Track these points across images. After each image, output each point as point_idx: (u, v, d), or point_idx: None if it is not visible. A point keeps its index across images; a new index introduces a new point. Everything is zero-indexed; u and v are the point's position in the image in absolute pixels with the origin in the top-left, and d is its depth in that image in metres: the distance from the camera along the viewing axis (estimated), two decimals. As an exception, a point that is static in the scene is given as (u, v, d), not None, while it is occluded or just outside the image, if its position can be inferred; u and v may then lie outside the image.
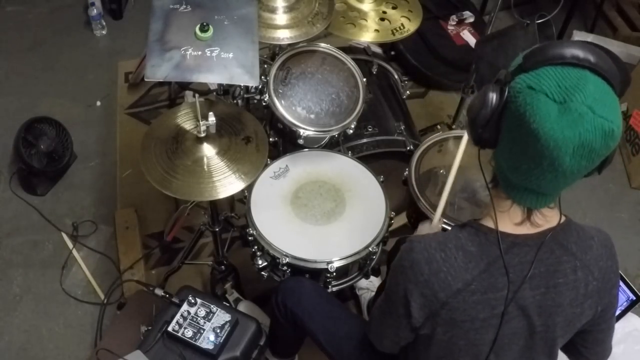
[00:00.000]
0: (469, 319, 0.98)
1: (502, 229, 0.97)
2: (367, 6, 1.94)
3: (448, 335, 1.01)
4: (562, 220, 0.99)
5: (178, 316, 1.49)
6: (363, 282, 1.91)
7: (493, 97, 0.88)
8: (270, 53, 2.04)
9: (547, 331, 1.03)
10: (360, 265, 1.61)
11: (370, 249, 1.54)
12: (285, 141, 1.87)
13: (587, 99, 0.81)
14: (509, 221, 0.97)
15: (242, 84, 1.63)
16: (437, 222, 1.41)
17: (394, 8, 1.95)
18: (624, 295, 1.65)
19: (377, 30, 1.87)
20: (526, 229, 0.97)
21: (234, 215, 2.03)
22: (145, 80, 1.36)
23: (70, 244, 2.19)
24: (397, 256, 1.05)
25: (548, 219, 0.97)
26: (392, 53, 2.77)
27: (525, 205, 0.95)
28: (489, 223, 0.99)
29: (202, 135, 1.46)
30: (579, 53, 0.83)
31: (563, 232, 0.98)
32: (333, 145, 1.82)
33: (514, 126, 0.87)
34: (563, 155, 0.83)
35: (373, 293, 1.95)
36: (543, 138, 0.82)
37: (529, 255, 0.96)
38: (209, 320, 1.49)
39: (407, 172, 1.66)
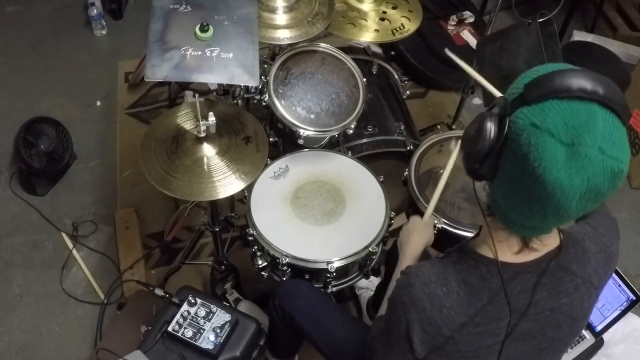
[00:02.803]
0: (473, 349, 0.95)
1: (502, 258, 0.93)
2: (367, 6, 1.94)
3: None
4: (561, 240, 0.95)
5: (178, 316, 1.49)
6: (363, 282, 1.91)
7: (491, 129, 0.81)
8: (270, 53, 2.04)
9: (553, 346, 1.01)
10: (360, 265, 1.61)
11: (370, 249, 1.54)
12: (285, 141, 1.87)
13: (597, 139, 0.75)
14: (508, 250, 0.93)
15: (242, 84, 1.63)
16: (428, 217, 1.40)
17: (394, 8, 1.95)
18: (624, 295, 1.64)
19: (377, 30, 1.87)
20: (524, 257, 0.93)
21: (234, 215, 2.03)
22: (145, 80, 1.36)
23: (70, 244, 2.19)
24: (395, 290, 1.00)
25: (546, 242, 0.93)
26: (392, 53, 2.77)
27: (522, 235, 0.91)
28: (487, 253, 0.95)
29: (202, 135, 1.46)
30: (587, 85, 0.76)
31: (562, 253, 0.95)
32: (333, 145, 1.82)
33: (516, 167, 0.80)
34: (569, 202, 0.77)
35: (372, 292, 1.95)
36: (549, 186, 0.76)
37: (530, 282, 0.93)
38: (209, 320, 1.49)
39: (407, 172, 1.66)
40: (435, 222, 1.50)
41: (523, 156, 0.78)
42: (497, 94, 1.24)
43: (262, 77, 1.72)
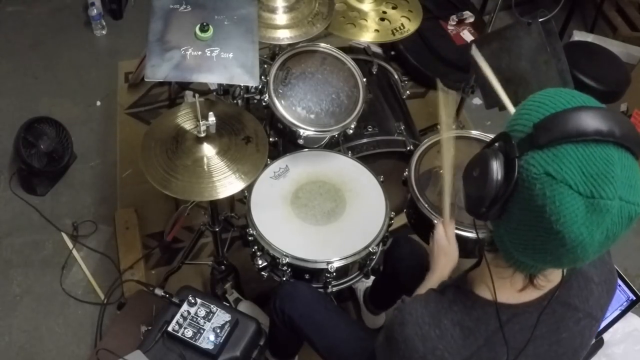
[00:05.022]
0: None
1: (502, 298, 0.89)
2: (367, 6, 1.94)
3: None
4: (564, 274, 0.91)
5: (178, 316, 1.49)
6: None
7: (498, 172, 0.76)
8: (270, 53, 2.04)
9: None
10: (360, 265, 1.61)
11: (370, 249, 1.54)
12: (285, 141, 1.87)
13: (617, 189, 0.70)
14: (510, 288, 0.89)
15: (242, 84, 1.63)
16: (448, 219, 1.35)
17: (394, 8, 1.95)
18: (624, 295, 1.64)
19: (377, 30, 1.87)
20: (527, 295, 0.90)
21: (234, 215, 2.03)
22: (145, 80, 1.36)
23: (70, 244, 2.19)
24: (390, 324, 0.98)
25: (550, 278, 0.89)
26: (392, 53, 2.77)
27: (529, 273, 0.87)
28: (485, 294, 0.91)
29: (202, 135, 1.46)
30: (603, 127, 0.71)
31: (564, 288, 0.91)
32: (333, 145, 1.82)
33: (529, 217, 0.75)
34: (588, 254, 0.75)
35: (368, 283, 1.95)
36: (569, 243, 0.72)
37: (530, 321, 0.90)
38: (209, 320, 1.49)
39: (407, 172, 1.66)
40: (435, 222, 1.50)
41: (538, 208, 0.73)
42: (511, 109, 1.20)
43: (262, 77, 1.72)
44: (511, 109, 1.30)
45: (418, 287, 1.23)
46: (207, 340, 1.46)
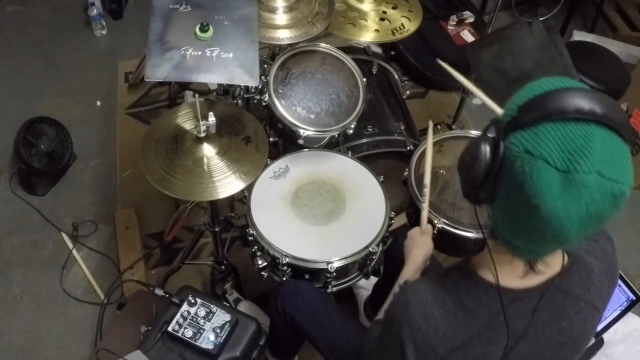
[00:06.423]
0: None
1: (503, 282, 0.90)
2: (367, 6, 1.94)
3: None
4: (565, 262, 0.92)
5: (178, 316, 1.49)
6: (362, 282, 1.91)
7: (486, 154, 0.78)
8: (270, 53, 2.04)
9: None
10: (360, 265, 1.61)
11: (370, 249, 1.54)
12: (285, 141, 1.87)
13: (595, 164, 0.71)
14: (510, 274, 0.91)
15: (242, 84, 1.63)
16: (425, 226, 1.39)
17: (394, 8, 1.95)
18: (624, 295, 1.64)
19: (377, 30, 1.88)
20: (528, 281, 0.91)
21: (234, 215, 2.03)
22: (145, 80, 1.36)
23: (70, 244, 2.19)
24: (392, 305, 0.99)
25: (551, 264, 0.90)
26: (392, 53, 2.77)
27: (526, 259, 0.88)
28: (488, 276, 0.92)
29: (202, 135, 1.46)
30: (583, 105, 0.72)
31: (565, 276, 0.93)
32: (333, 145, 1.82)
33: (512, 195, 0.78)
34: (568, 231, 0.75)
35: (370, 292, 1.95)
36: (545, 216, 0.74)
37: (531, 306, 0.91)
38: (209, 320, 1.49)
39: (407, 172, 1.66)
40: (435, 222, 1.50)
41: (518, 185, 0.75)
42: (498, 110, 1.23)
43: (262, 77, 1.72)
44: (496, 108, 1.32)
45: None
46: (207, 340, 1.46)
